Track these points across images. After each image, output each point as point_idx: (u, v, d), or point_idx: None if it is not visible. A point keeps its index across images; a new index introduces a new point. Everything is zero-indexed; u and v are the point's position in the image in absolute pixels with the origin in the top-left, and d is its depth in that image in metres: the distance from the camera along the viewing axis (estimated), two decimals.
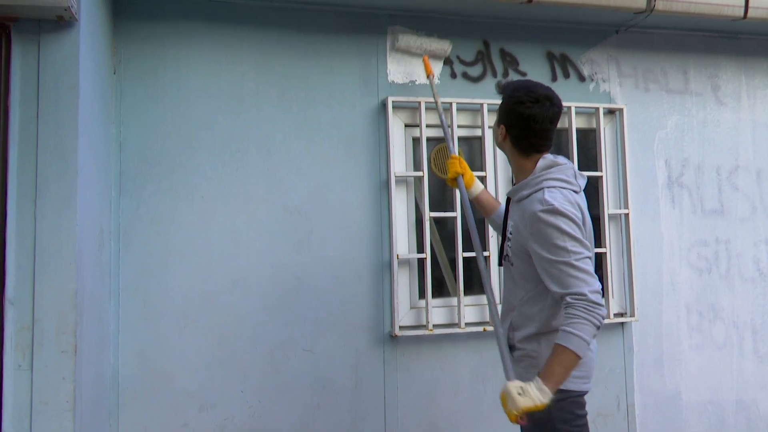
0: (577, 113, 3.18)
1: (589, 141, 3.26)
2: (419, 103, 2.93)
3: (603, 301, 1.84)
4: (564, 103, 3.09)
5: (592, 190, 3.20)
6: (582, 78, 3.25)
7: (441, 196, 3.10)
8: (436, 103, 2.72)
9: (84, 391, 2.08)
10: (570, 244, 1.85)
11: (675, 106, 3.38)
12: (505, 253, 2.10)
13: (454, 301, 2.99)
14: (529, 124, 1.98)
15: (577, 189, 2.00)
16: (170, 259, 2.66)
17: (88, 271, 2.16)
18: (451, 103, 2.97)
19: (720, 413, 3.31)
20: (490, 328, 2.93)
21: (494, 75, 3.12)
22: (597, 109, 3.18)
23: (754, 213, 3.44)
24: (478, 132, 3.08)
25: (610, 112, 3.25)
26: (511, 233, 2.04)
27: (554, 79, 3.20)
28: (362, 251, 2.88)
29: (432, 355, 2.94)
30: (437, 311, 2.96)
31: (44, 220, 2.00)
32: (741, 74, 3.51)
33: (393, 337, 2.87)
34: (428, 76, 2.78)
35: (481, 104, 3.01)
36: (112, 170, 2.61)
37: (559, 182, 1.96)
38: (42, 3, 1.91)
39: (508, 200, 2.14)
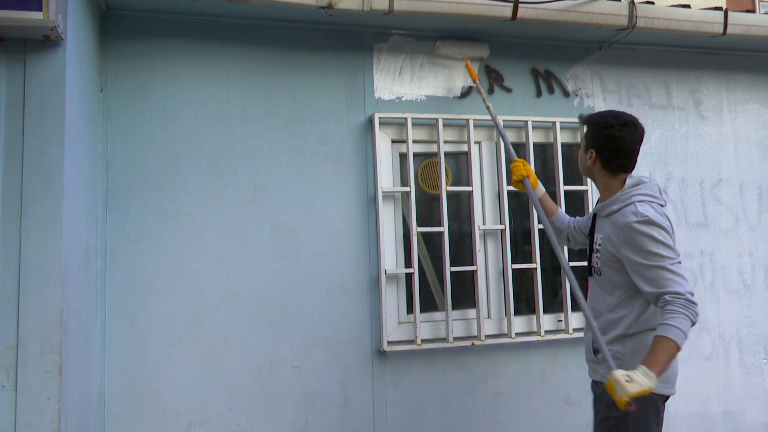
0: (561, 128, 3.22)
1: (574, 155, 3.28)
2: (405, 119, 2.95)
3: (697, 302, 2.00)
4: (549, 119, 3.18)
5: (578, 204, 3.24)
6: (566, 93, 3.29)
7: (428, 211, 3.11)
8: (487, 106, 2.84)
9: (69, 411, 2.07)
10: (664, 251, 2.03)
11: (658, 121, 3.42)
12: (592, 265, 2.26)
13: (442, 315, 3.00)
14: (620, 146, 2.18)
15: (663, 203, 2.18)
16: (157, 276, 2.66)
17: (74, 289, 2.15)
18: (437, 119, 3.00)
19: (708, 424, 3.32)
20: (478, 342, 2.94)
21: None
22: None
23: (738, 225, 3.49)
24: (464, 147, 3.11)
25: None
26: (600, 245, 2.20)
27: (539, 94, 3.24)
28: (350, 267, 2.88)
29: (421, 370, 2.94)
30: (426, 326, 2.96)
31: (29, 238, 2.00)
32: (722, 89, 3.57)
33: (382, 353, 2.87)
34: (474, 81, 2.93)
35: (467, 120, 3.04)
36: (99, 188, 2.61)
37: (648, 197, 2.15)
38: (27, 23, 1.92)
39: (594, 216, 2.31)
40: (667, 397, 2.13)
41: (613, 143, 2.18)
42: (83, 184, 2.32)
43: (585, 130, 2.32)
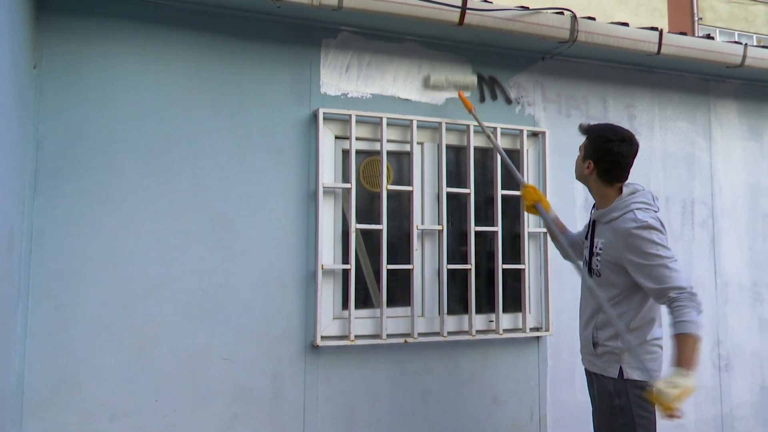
0: (502, 134, 3.30)
1: (513, 161, 3.37)
2: (350, 115, 2.96)
3: (697, 293, 2.19)
4: (490, 124, 3.25)
5: (515, 209, 3.33)
6: (509, 101, 3.37)
7: (368, 208, 3.14)
8: (488, 136, 3.00)
9: None
10: (662, 251, 2.22)
11: None
12: (591, 267, 2.45)
13: (377, 312, 3.03)
14: (617, 159, 2.38)
15: (656, 210, 2.38)
16: (86, 262, 2.58)
17: None
18: (381, 118, 3.02)
19: None
20: (411, 340, 2.99)
21: None
22: (521, 131, 3.31)
23: None
24: (407, 147, 3.15)
25: (534, 134, 3.39)
26: (601, 249, 2.40)
27: (482, 100, 3.31)
28: (288, 260, 2.88)
29: (354, 366, 2.96)
30: (361, 322, 2.99)
31: None
32: (655, 106, 3.74)
33: (315, 347, 2.88)
34: (470, 111, 3.06)
35: (411, 120, 3.08)
36: (27, 169, 2.51)
37: (644, 204, 2.34)
38: None
39: (594, 222, 2.49)
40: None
41: (611, 157, 2.37)
42: (9, 163, 2.23)
43: (585, 139, 2.49)
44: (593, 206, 2.55)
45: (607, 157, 2.38)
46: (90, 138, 2.62)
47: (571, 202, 3.45)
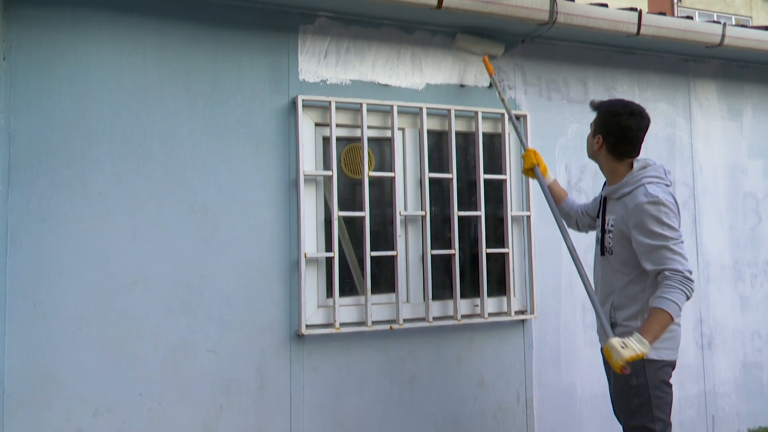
0: (483, 118, 3.28)
1: (494, 145, 3.37)
2: (330, 102, 2.93)
3: (694, 279, 2.21)
4: (471, 108, 3.24)
5: (498, 194, 3.32)
6: (489, 84, 3.35)
7: (350, 196, 3.11)
8: (502, 100, 3.00)
9: None
10: (668, 232, 2.21)
11: (575, 115, 3.55)
12: (604, 245, 2.42)
13: (361, 299, 3.02)
14: (626, 133, 2.34)
15: (668, 183, 2.35)
16: (64, 257, 2.54)
17: None
18: (361, 104, 2.99)
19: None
20: (396, 326, 2.98)
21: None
22: (503, 114, 3.30)
23: None
24: (387, 133, 3.12)
25: (515, 118, 3.37)
26: (612, 226, 2.37)
27: (462, 84, 3.29)
28: (270, 250, 2.85)
29: (339, 354, 2.95)
30: (346, 310, 2.97)
31: None
32: (635, 87, 3.74)
33: (300, 336, 2.86)
34: (491, 75, 3.05)
35: (391, 106, 3.05)
36: (0, 163, 2.46)
37: (656, 179, 2.31)
38: None
39: (605, 199, 2.46)
40: (674, 363, 2.34)
41: (620, 131, 2.34)
42: None
43: (595, 116, 2.46)
44: (604, 183, 2.51)
45: (616, 130, 2.35)
46: (64, 130, 2.57)
47: None
